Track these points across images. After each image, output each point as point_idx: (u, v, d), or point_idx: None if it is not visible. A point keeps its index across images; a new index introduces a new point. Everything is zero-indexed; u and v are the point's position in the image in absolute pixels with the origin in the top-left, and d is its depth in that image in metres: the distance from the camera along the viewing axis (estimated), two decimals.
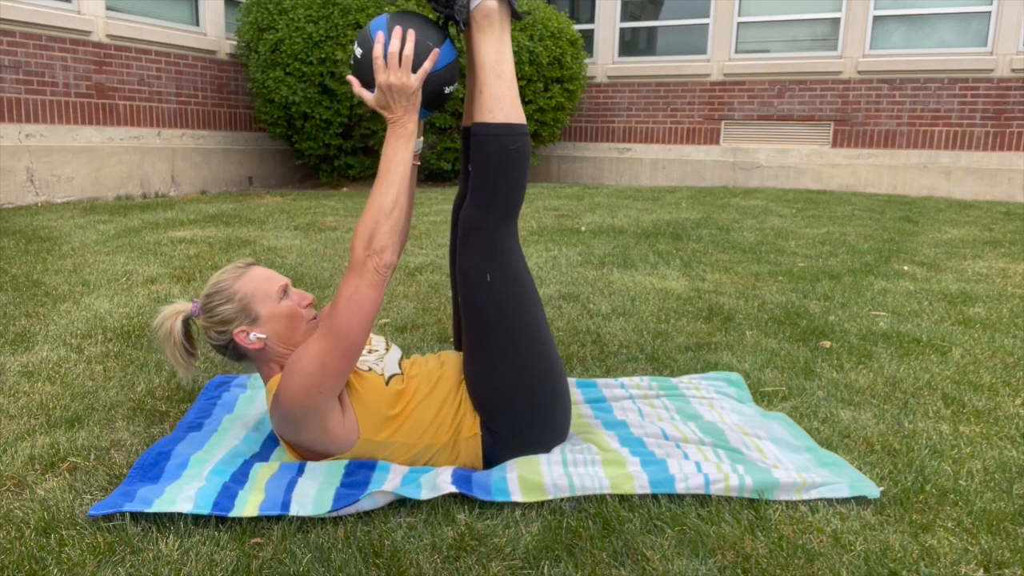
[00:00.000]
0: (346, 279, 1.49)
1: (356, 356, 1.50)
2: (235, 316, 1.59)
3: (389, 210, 1.50)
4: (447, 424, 1.62)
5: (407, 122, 1.54)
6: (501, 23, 1.61)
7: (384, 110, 1.55)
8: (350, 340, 1.47)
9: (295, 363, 1.50)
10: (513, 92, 1.60)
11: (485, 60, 1.60)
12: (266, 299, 1.60)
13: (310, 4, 6.50)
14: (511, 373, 1.60)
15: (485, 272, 1.59)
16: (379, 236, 1.48)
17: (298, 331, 1.62)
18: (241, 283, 1.61)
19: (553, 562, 1.31)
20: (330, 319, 1.49)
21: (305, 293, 1.68)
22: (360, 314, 1.47)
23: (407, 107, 1.54)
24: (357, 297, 1.47)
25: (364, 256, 1.48)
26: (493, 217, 1.60)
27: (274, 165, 7.92)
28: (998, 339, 2.61)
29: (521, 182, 1.61)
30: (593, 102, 8.76)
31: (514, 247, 1.63)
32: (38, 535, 1.37)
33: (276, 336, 1.60)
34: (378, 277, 1.48)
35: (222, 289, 1.60)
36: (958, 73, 7.18)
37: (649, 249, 4.17)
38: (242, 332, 1.59)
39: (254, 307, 1.59)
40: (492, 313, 1.59)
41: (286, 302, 1.62)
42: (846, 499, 1.51)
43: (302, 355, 1.50)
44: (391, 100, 1.53)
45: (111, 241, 4.13)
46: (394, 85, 1.52)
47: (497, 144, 1.58)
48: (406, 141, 1.54)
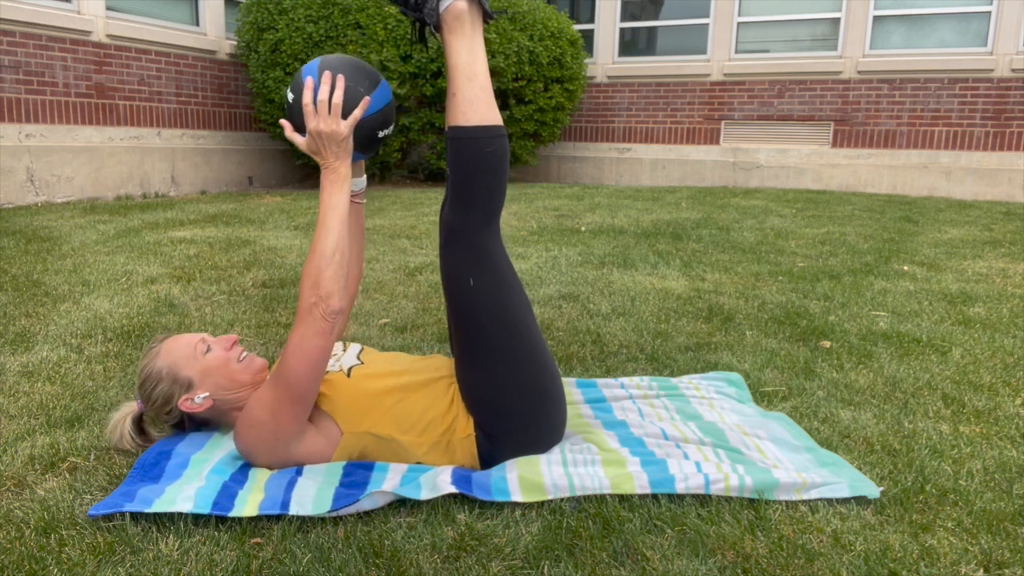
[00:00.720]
0: (294, 327, 1.50)
1: (309, 402, 1.52)
2: (172, 391, 1.62)
3: (330, 255, 1.50)
4: (437, 422, 1.62)
5: (339, 167, 1.55)
6: (472, 24, 1.59)
7: (315, 155, 1.56)
8: (300, 388, 1.49)
9: (247, 415, 1.53)
10: (487, 93, 1.59)
11: (457, 62, 1.59)
12: (190, 361, 1.63)
13: (310, 4, 6.50)
14: (501, 375, 1.60)
15: (468, 276, 1.59)
16: (324, 282, 1.49)
17: (236, 374, 1.65)
18: (160, 359, 1.64)
19: (553, 562, 1.31)
20: (279, 367, 1.51)
21: (225, 336, 1.71)
22: (307, 362, 1.49)
23: (338, 153, 1.54)
24: (304, 345, 1.48)
25: (310, 304, 1.49)
26: (473, 220, 1.59)
27: (274, 165, 7.92)
28: (998, 339, 2.61)
29: (500, 184, 1.60)
30: (593, 102, 8.76)
31: (497, 249, 1.62)
32: (38, 535, 1.37)
33: (218, 388, 1.63)
34: (325, 324, 1.49)
35: (148, 374, 1.64)
36: (958, 73, 7.18)
37: (649, 249, 4.17)
38: (186, 401, 1.62)
39: (183, 374, 1.62)
40: (478, 316, 1.59)
41: (211, 354, 1.65)
42: (846, 499, 1.51)
43: (253, 406, 1.53)
44: (321, 146, 1.54)
45: (111, 241, 4.13)
46: (323, 132, 1.52)
47: (473, 147, 1.57)
48: (340, 185, 1.54)
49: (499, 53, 6.87)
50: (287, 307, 2.91)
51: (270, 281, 3.31)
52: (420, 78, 6.67)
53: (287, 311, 2.85)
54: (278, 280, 3.32)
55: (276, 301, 2.99)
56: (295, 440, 1.55)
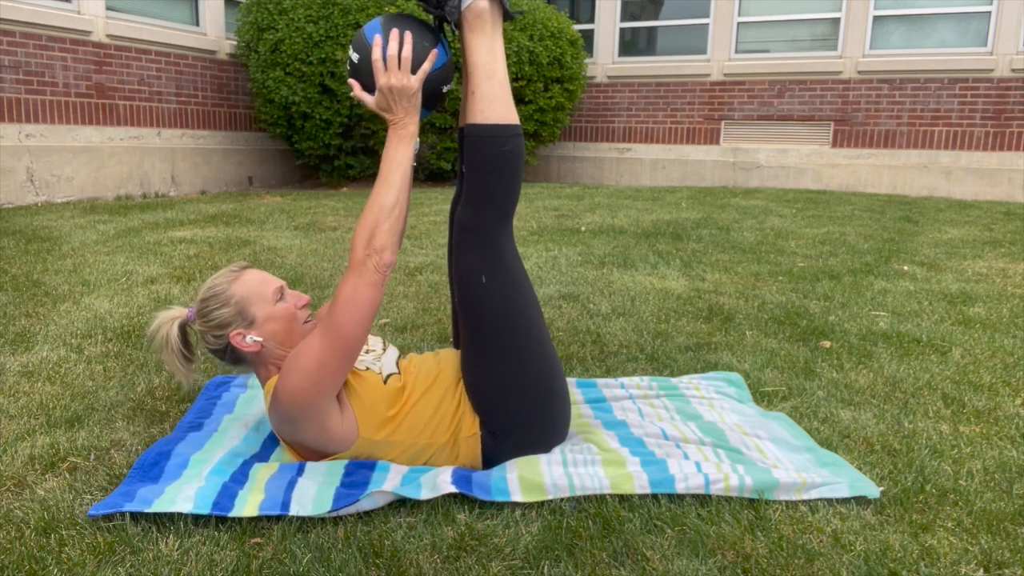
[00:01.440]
0: (346, 278, 1.49)
1: (355, 355, 1.50)
2: (232, 319, 1.59)
3: (390, 209, 1.50)
4: (445, 423, 1.62)
5: (408, 123, 1.55)
6: (493, 23, 1.60)
7: (386, 112, 1.56)
8: (349, 339, 1.48)
9: (294, 361, 1.50)
10: (506, 92, 1.60)
11: (477, 60, 1.59)
12: (262, 301, 1.61)
13: (310, 4, 6.50)
14: (509, 373, 1.60)
15: (481, 274, 1.59)
16: (379, 235, 1.49)
17: (295, 332, 1.63)
18: (237, 286, 1.61)
19: (553, 562, 1.31)
20: (329, 318, 1.49)
21: (301, 294, 1.69)
22: (359, 313, 1.48)
23: (408, 108, 1.54)
24: (356, 296, 1.48)
25: (364, 255, 1.48)
26: (488, 218, 1.59)
27: (274, 165, 7.92)
28: (998, 339, 2.61)
29: (515, 182, 1.61)
30: (593, 102, 8.76)
31: (510, 248, 1.62)
32: (38, 535, 1.37)
33: (273, 338, 1.61)
34: (378, 276, 1.49)
35: (218, 293, 1.60)
36: (958, 73, 7.18)
37: (649, 249, 4.17)
38: (239, 335, 1.59)
39: (250, 310, 1.60)
40: (489, 314, 1.59)
41: (282, 304, 1.63)
42: (846, 499, 1.51)
43: (301, 353, 1.50)
44: (392, 102, 1.54)
45: (111, 241, 4.13)
46: (395, 87, 1.52)
47: (490, 145, 1.58)
48: (407, 142, 1.54)
49: None
50: None
51: None
52: None
53: None
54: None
55: None
56: (328, 402, 1.52)
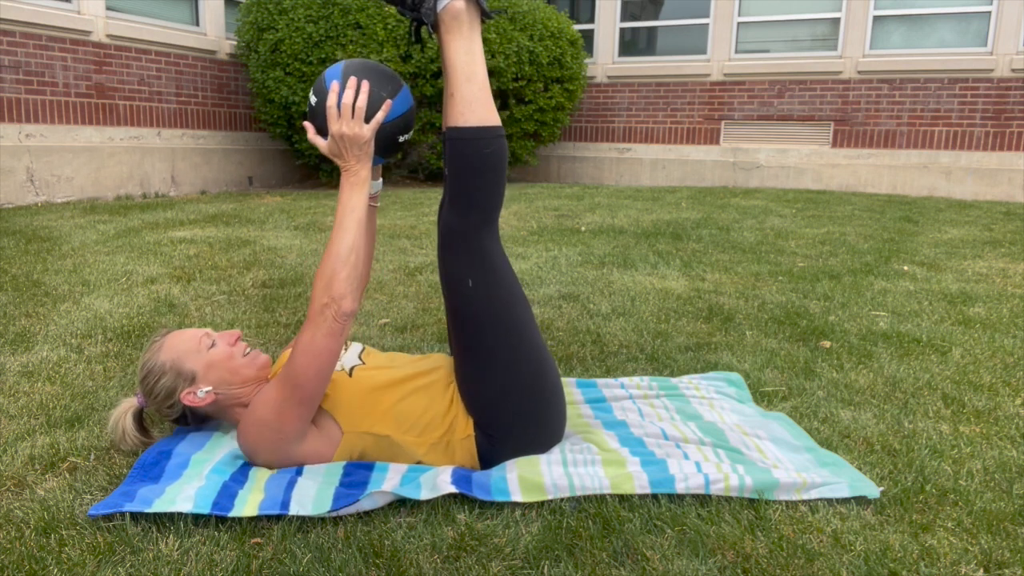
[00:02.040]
0: (304, 328, 1.50)
1: (315, 403, 1.52)
2: (175, 384, 1.62)
3: (345, 257, 1.50)
4: (436, 422, 1.62)
5: (359, 170, 1.55)
6: (470, 24, 1.59)
7: (337, 158, 1.56)
8: (307, 389, 1.49)
9: (252, 413, 1.53)
10: (485, 94, 1.59)
11: (455, 62, 1.58)
12: (194, 354, 1.63)
13: (310, 4, 6.50)
14: (501, 375, 1.60)
15: (467, 278, 1.58)
16: (337, 283, 1.49)
17: (240, 368, 1.65)
18: (163, 353, 1.64)
19: (553, 562, 1.31)
20: (287, 367, 1.50)
21: (228, 332, 1.70)
22: (317, 363, 1.49)
23: (359, 156, 1.54)
24: (314, 346, 1.48)
25: (322, 305, 1.49)
26: (472, 221, 1.58)
27: (274, 165, 7.92)
28: (998, 339, 2.61)
29: (499, 184, 1.60)
30: (593, 102, 8.76)
31: (495, 250, 1.62)
32: (38, 535, 1.37)
33: (222, 383, 1.63)
34: (336, 326, 1.49)
35: (151, 368, 1.64)
36: (958, 73, 7.18)
37: (649, 249, 4.17)
38: (188, 395, 1.62)
39: (186, 367, 1.62)
40: (477, 317, 1.59)
41: (215, 349, 1.65)
42: (846, 499, 1.51)
43: (258, 405, 1.53)
44: (343, 149, 1.54)
45: (111, 241, 4.13)
46: (346, 135, 1.52)
47: (471, 147, 1.57)
48: (359, 188, 1.54)
49: (499, 53, 6.86)
50: (287, 307, 2.91)
51: (270, 281, 3.31)
52: (420, 78, 6.67)
53: (287, 311, 2.85)
54: (278, 280, 3.32)
55: (276, 301, 2.99)
56: (297, 440, 1.55)
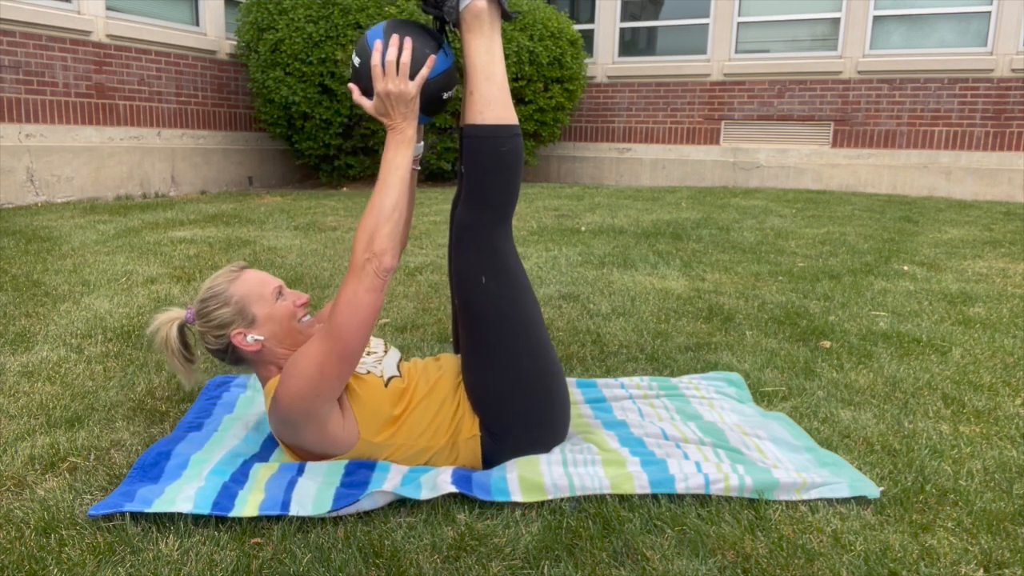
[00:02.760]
0: (345, 282, 1.50)
1: (355, 360, 1.50)
2: (232, 319, 1.60)
3: (389, 213, 1.50)
4: (445, 425, 1.62)
5: (406, 128, 1.55)
6: (491, 23, 1.60)
7: (383, 117, 1.56)
8: (349, 343, 1.48)
9: (293, 366, 1.50)
10: (504, 93, 1.60)
11: (476, 61, 1.59)
12: (261, 301, 1.61)
13: (310, 4, 6.50)
14: (509, 374, 1.60)
15: (480, 275, 1.59)
16: (379, 239, 1.49)
17: (294, 331, 1.63)
18: (236, 286, 1.62)
19: (553, 562, 1.31)
20: (329, 322, 1.49)
21: (300, 293, 1.69)
22: (359, 318, 1.48)
23: (405, 114, 1.54)
24: (356, 301, 1.48)
25: (364, 260, 1.48)
26: (487, 219, 1.59)
27: (274, 165, 7.92)
28: (998, 339, 2.61)
29: (514, 183, 1.61)
30: (593, 102, 8.76)
31: (509, 248, 1.62)
32: (38, 535, 1.37)
33: (273, 337, 1.61)
34: (378, 281, 1.49)
35: (218, 293, 1.61)
36: (958, 73, 7.18)
37: (649, 249, 4.17)
38: (239, 334, 1.59)
39: (250, 309, 1.60)
40: (488, 315, 1.59)
41: (282, 303, 1.63)
42: (846, 499, 1.51)
43: (300, 358, 1.50)
44: (389, 107, 1.54)
45: (111, 241, 4.13)
46: (392, 92, 1.52)
47: (489, 145, 1.58)
48: (405, 146, 1.55)
49: None
50: None
51: None
52: None
53: None
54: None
55: None
56: (330, 405, 1.52)
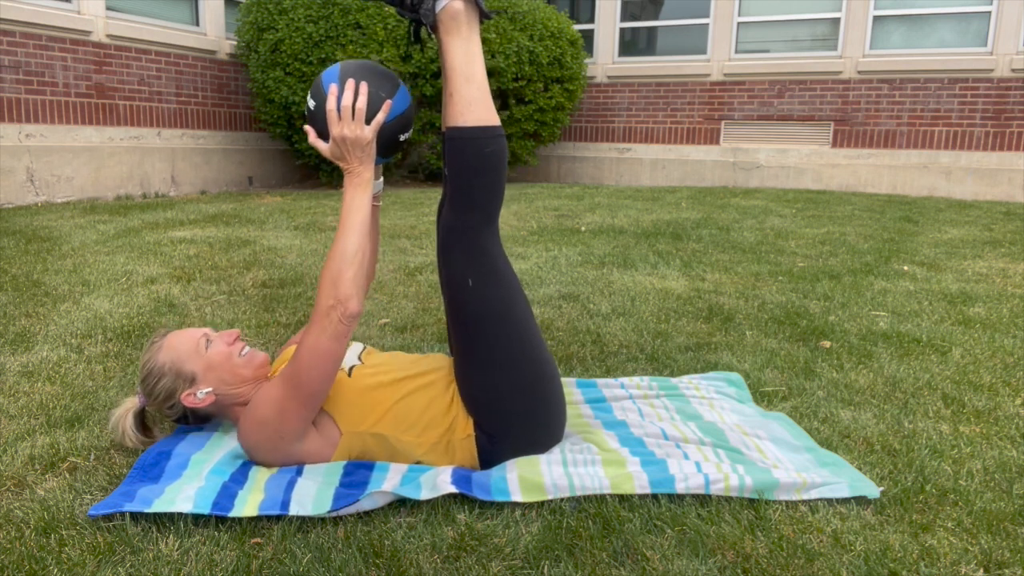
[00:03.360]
0: (309, 329, 1.50)
1: (318, 403, 1.53)
2: (174, 386, 1.63)
3: (351, 257, 1.51)
4: (436, 422, 1.62)
5: (363, 172, 1.55)
6: (469, 24, 1.59)
7: (339, 161, 1.56)
8: (310, 390, 1.50)
9: (253, 412, 1.53)
10: (485, 94, 1.59)
11: (454, 63, 1.58)
12: (193, 356, 1.64)
13: (310, 4, 6.50)
14: (501, 375, 1.60)
15: (467, 277, 1.59)
16: (343, 284, 1.49)
17: (238, 368, 1.65)
18: (162, 354, 1.64)
19: (553, 562, 1.31)
20: (291, 366, 1.51)
21: (226, 332, 1.71)
22: (321, 365, 1.49)
23: (362, 158, 1.55)
24: (319, 348, 1.49)
25: (328, 307, 1.49)
26: (472, 221, 1.59)
27: (274, 165, 7.92)
28: (998, 339, 2.61)
29: (499, 184, 1.60)
30: (593, 102, 8.76)
31: (496, 249, 1.62)
32: (38, 535, 1.37)
33: (221, 383, 1.64)
34: (342, 328, 1.49)
35: (151, 369, 1.64)
36: (958, 73, 7.18)
37: (649, 249, 4.17)
38: (188, 396, 1.62)
39: (185, 368, 1.63)
40: (478, 317, 1.59)
41: (213, 349, 1.65)
42: (846, 499, 1.51)
43: (260, 404, 1.53)
44: (345, 152, 1.54)
45: (111, 241, 4.13)
46: (348, 137, 1.53)
47: (471, 147, 1.57)
48: (363, 189, 1.55)
49: (499, 53, 6.86)
50: (287, 307, 2.91)
51: (270, 281, 3.31)
52: (420, 78, 6.67)
53: (287, 311, 2.85)
54: (278, 280, 3.32)
55: (276, 301, 2.99)
56: (297, 439, 1.56)
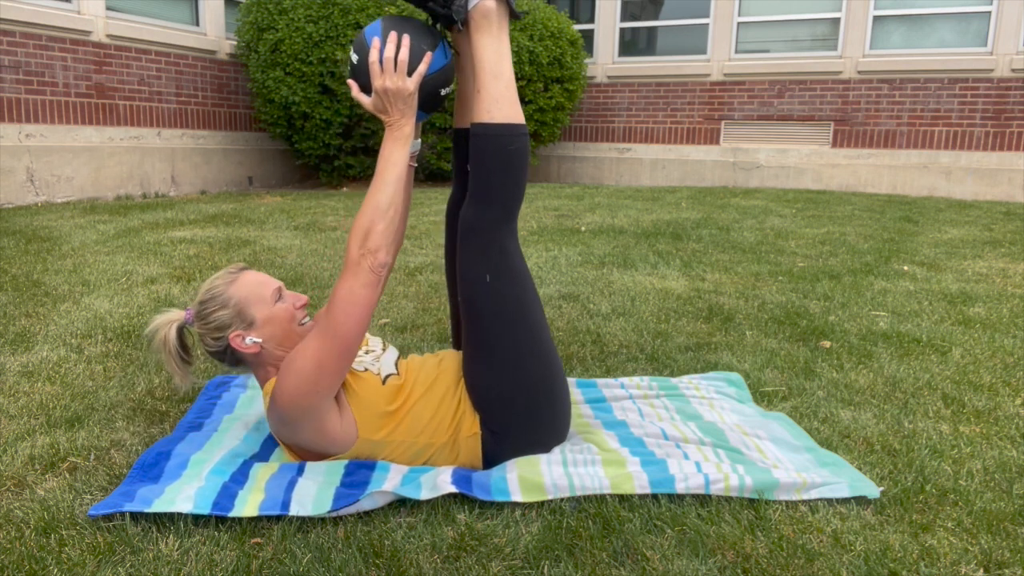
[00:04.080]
0: (341, 279, 1.50)
1: (352, 355, 1.51)
2: (231, 321, 1.60)
3: (384, 209, 1.51)
4: (446, 423, 1.62)
5: (404, 125, 1.56)
6: (499, 23, 1.61)
7: (381, 113, 1.57)
8: (346, 339, 1.48)
9: (291, 363, 1.50)
10: (512, 92, 1.61)
11: (484, 60, 1.60)
12: (261, 303, 1.61)
13: (310, 4, 6.50)
14: (510, 373, 1.60)
15: (484, 273, 1.59)
16: (374, 235, 1.49)
17: (293, 333, 1.63)
18: (235, 288, 1.61)
19: (553, 562, 1.31)
20: (326, 319, 1.49)
21: (299, 295, 1.69)
22: (355, 314, 1.48)
23: (404, 110, 1.55)
24: (352, 297, 1.48)
25: (359, 255, 1.49)
26: (492, 218, 1.60)
27: (274, 165, 7.92)
28: (998, 339, 2.61)
29: (521, 182, 1.62)
30: (593, 102, 8.76)
31: (513, 248, 1.63)
32: (38, 535, 1.37)
33: (272, 339, 1.61)
34: (373, 276, 1.49)
35: (217, 295, 1.61)
36: (958, 73, 7.18)
37: (649, 249, 4.17)
38: (238, 336, 1.59)
39: (249, 311, 1.60)
40: (492, 314, 1.59)
41: (281, 305, 1.63)
42: (846, 499, 1.51)
43: (298, 355, 1.50)
44: (388, 104, 1.55)
45: (111, 241, 4.13)
46: (390, 89, 1.53)
47: (496, 144, 1.58)
48: (403, 143, 1.55)
49: None
50: None
51: None
52: None
53: None
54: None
55: None
56: (327, 403, 1.52)
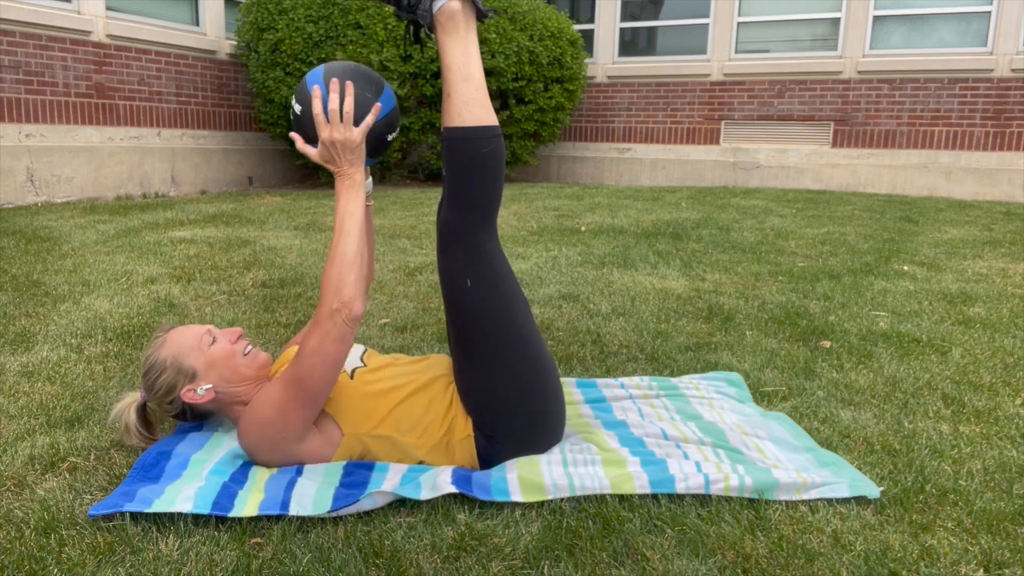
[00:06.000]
0: (312, 332, 1.50)
1: (319, 404, 1.52)
2: (175, 381, 1.62)
3: (352, 260, 1.51)
4: (436, 423, 1.62)
5: (354, 173, 1.55)
6: (466, 24, 1.59)
7: (329, 164, 1.55)
8: (312, 391, 1.50)
9: (254, 411, 1.53)
10: (482, 94, 1.59)
11: (452, 63, 1.58)
12: (194, 352, 1.63)
13: (310, 4, 6.50)
14: (499, 375, 1.60)
15: (466, 277, 1.59)
16: (346, 287, 1.49)
17: (241, 367, 1.65)
18: (165, 349, 1.64)
19: (553, 562, 1.31)
20: (293, 368, 1.50)
21: (231, 329, 1.70)
22: (324, 367, 1.49)
23: (352, 160, 1.54)
24: (322, 350, 1.48)
25: (332, 310, 1.48)
26: (470, 221, 1.58)
27: (274, 165, 7.92)
28: (998, 339, 2.61)
29: (497, 184, 1.60)
30: (593, 102, 8.76)
31: (494, 250, 1.62)
32: (38, 535, 1.37)
33: (222, 380, 1.63)
34: (346, 330, 1.49)
35: (153, 364, 1.64)
36: (958, 73, 7.18)
37: (649, 249, 4.17)
38: (188, 392, 1.62)
39: (187, 364, 1.62)
40: (476, 317, 1.59)
41: (216, 346, 1.65)
42: (846, 499, 1.51)
43: (261, 403, 1.53)
44: (335, 155, 1.54)
45: (111, 241, 4.13)
46: (337, 141, 1.52)
47: (469, 147, 1.57)
48: (356, 192, 1.54)
49: (499, 53, 6.86)
50: (287, 307, 2.91)
51: (270, 281, 3.31)
52: (420, 78, 6.67)
53: (287, 311, 2.85)
54: (278, 280, 3.32)
55: (276, 301, 2.99)
56: (298, 439, 1.56)
